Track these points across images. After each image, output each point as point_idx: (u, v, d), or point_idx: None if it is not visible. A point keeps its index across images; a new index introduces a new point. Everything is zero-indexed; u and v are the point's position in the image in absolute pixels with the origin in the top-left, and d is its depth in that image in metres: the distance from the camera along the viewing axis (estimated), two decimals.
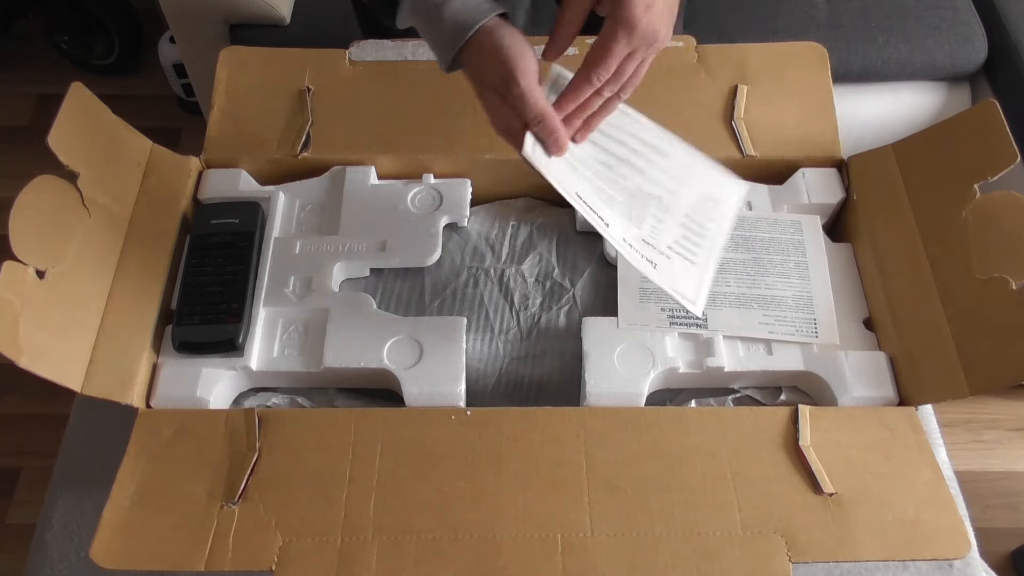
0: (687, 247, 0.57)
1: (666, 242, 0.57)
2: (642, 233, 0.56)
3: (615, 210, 0.55)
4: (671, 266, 0.56)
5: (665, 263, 0.56)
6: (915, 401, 0.56)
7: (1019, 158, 0.56)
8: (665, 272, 0.55)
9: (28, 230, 0.52)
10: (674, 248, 0.57)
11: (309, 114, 0.69)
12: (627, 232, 0.55)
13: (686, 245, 0.57)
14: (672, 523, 0.50)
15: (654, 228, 0.56)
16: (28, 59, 1.69)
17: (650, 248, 0.55)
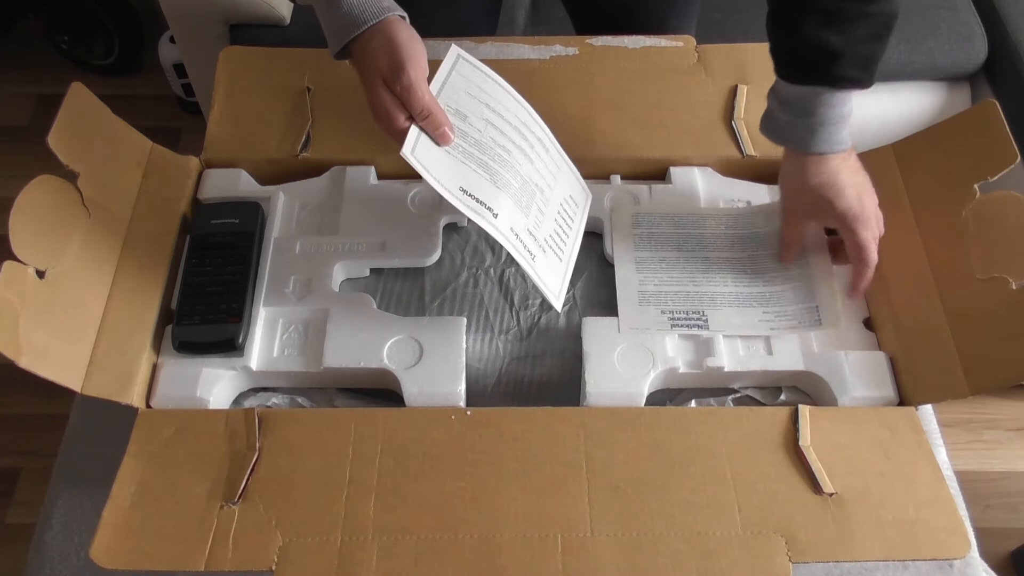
0: (557, 243, 0.60)
1: (544, 235, 0.58)
2: (528, 223, 0.57)
3: (509, 194, 0.56)
4: (545, 260, 0.58)
5: (541, 256, 0.57)
6: (915, 401, 0.56)
7: (1019, 158, 0.56)
8: (541, 265, 0.57)
9: (28, 230, 0.52)
10: (548, 242, 0.59)
11: (309, 114, 0.69)
12: (515, 222, 0.56)
13: (556, 241, 0.60)
14: (672, 523, 0.50)
15: (536, 219, 0.58)
16: (28, 59, 1.69)
17: (532, 240, 0.57)
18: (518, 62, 0.72)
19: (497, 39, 0.74)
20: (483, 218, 0.54)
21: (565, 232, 0.61)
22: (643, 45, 0.73)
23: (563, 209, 0.61)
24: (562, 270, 0.59)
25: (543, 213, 0.59)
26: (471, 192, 0.55)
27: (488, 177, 0.56)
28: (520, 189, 0.57)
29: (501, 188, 0.56)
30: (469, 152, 0.56)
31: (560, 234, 0.60)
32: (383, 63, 0.52)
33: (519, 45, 0.73)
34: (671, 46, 0.74)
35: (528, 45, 0.73)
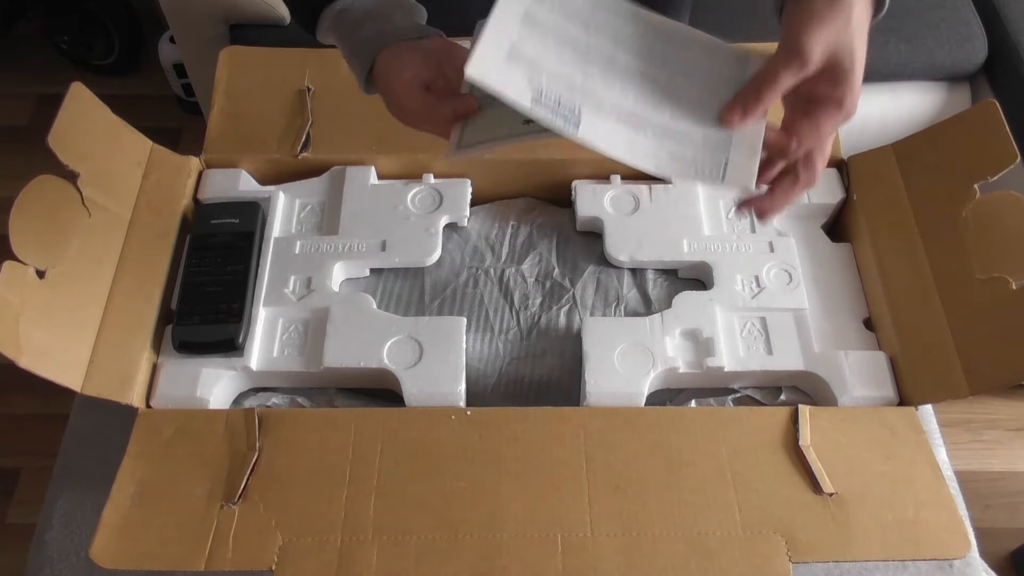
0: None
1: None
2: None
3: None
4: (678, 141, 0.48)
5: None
6: (915, 401, 0.56)
7: (1019, 158, 0.56)
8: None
9: (28, 230, 0.52)
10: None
11: (309, 114, 0.69)
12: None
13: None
14: (672, 523, 0.50)
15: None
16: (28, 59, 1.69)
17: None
18: None
19: None
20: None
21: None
22: None
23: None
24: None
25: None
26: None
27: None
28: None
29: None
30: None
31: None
32: (421, 63, 0.51)
33: None
34: None
35: None
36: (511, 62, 0.47)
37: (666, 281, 0.65)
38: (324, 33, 0.56)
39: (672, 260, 0.65)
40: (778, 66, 0.45)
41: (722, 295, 0.61)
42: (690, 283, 0.65)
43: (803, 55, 0.44)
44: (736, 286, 0.62)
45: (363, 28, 0.52)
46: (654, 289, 0.65)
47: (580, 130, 0.46)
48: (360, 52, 0.53)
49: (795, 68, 0.44)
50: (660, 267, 0.66)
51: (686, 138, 0.48)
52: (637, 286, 0.65)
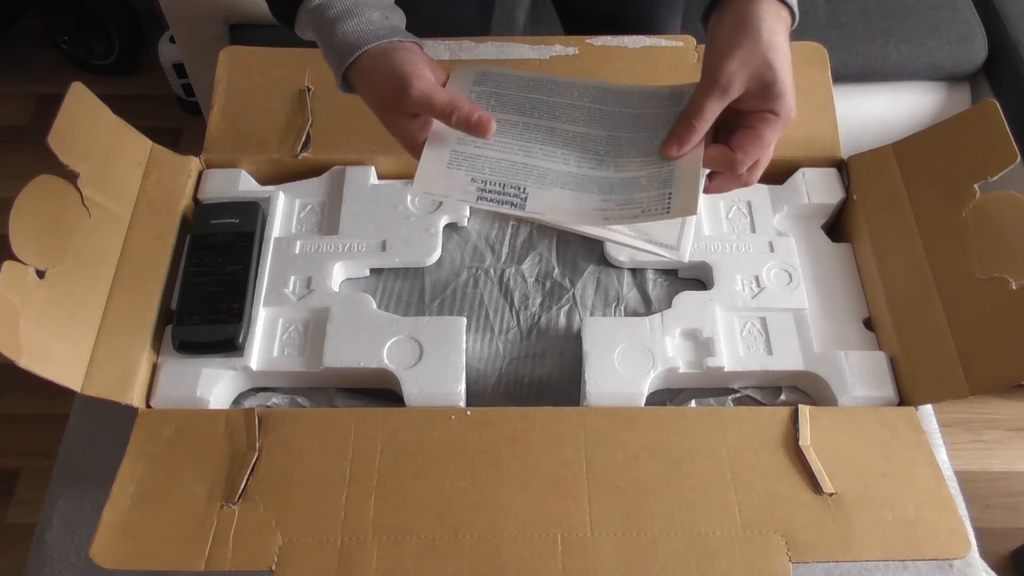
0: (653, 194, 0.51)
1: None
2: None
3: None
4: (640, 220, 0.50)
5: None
6: (915, 401, 0.56)
7: (1019, 158, 0.56)
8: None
9: (28, 230, 0.52)
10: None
11: (309, 114, 0.69)
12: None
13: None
14: (672, 523, 0.50)
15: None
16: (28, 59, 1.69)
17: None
18: (518, 62, 0.72)
19: (497, 39, 0.74)
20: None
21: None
22: (643, 45, 0.73)
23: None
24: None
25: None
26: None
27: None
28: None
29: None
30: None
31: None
32: (386, 91, 0.50)
33: (519, 45, 0.73)
34: (671, 46, 0.74)
35: (528, 45, 0.73)
36: (452, 167, 0.51)
37: (666, 281, 0.65)
38: (302, 28, 0.56)
39: (672, 260, 0.64)
40: (703, 98, 0.49)
41: (722, 295, 0.62)
42: (690, 283, 0.65)
43: (723, 84, 0.48)
44: (736, 286, 0.62)
45: (340, 25, 0.51)
46: (654, 289, 0.65)
47: (527, 209, 0.49)
48: (337, 51, 0.52)
49: (717, 96, 0.48)
50: (660, 267, 0.66)
51: (632, 183, 0.51)
52: (637, 286, 0.65)
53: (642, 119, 0.54)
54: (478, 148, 0.51)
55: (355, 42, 0.51)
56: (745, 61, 0.48)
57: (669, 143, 0.50)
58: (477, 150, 0.51)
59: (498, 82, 0.55)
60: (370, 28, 0.51)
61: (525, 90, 0.55)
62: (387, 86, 0.50)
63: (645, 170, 0.51)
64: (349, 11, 0.52)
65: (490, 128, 0.49)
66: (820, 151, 0.69)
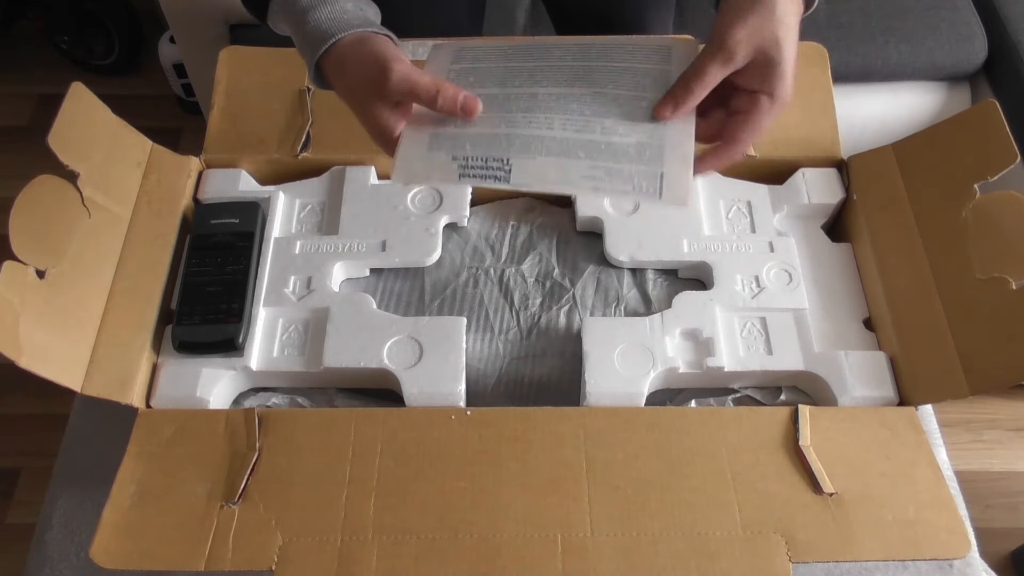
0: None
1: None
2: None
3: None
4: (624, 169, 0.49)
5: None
6: (915, 401, 0.56)
7: (1019, 158, 0.56)
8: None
9: (28, 230, 0.52)
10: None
11: (309, 114, 0.69)
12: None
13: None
14: (672, 523, 0.50)
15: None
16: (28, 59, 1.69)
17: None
18: None
19: (497, 39, 0.74)
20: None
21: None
22: None
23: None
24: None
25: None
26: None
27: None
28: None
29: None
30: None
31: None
32: (363, 76, 0.49)
33: None
34: None
35: None
36: (433, 150, 0.49)
37: (666, 281, 0.65)
38: (275, 20, 0.54)
39: (672, 260, 0.65)
40: (706, 61, 0.48)
41: (722, 295, 0.62)
42: (690, 283, 0.65)
43: (728, 50, 0.47)
44: (736, 286, 0.62)
45: (312, 14, 0.50)
46: (654, 289, 0.65)
47: (512, 181, 0.48)
48: (309, 40, 0.51)
49: (721, 62, 0.47)
50: (660, 267, 0.66)
51: (620, 151, 0.49)
52: (637, 286, 0.65)
53: (628, 73, 0.52)
54: (458, 127, 0.49)
55: (328, 30, 0.50)
56: (754, 32, 0.47)
57: (664, 104, 0.49)
58: (457, 129, 0.49)
59: (476, 56, 0.53)
60: (343, 17, 0.50)
61: (504, 59, 0.53)
62: (364, 72, 0.49)
63: (634, 136, 0.49)
64: (322, 0, 0.51)
65: (477, 109, 0.48)
66: (820, 151, 0.69)
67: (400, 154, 0.49)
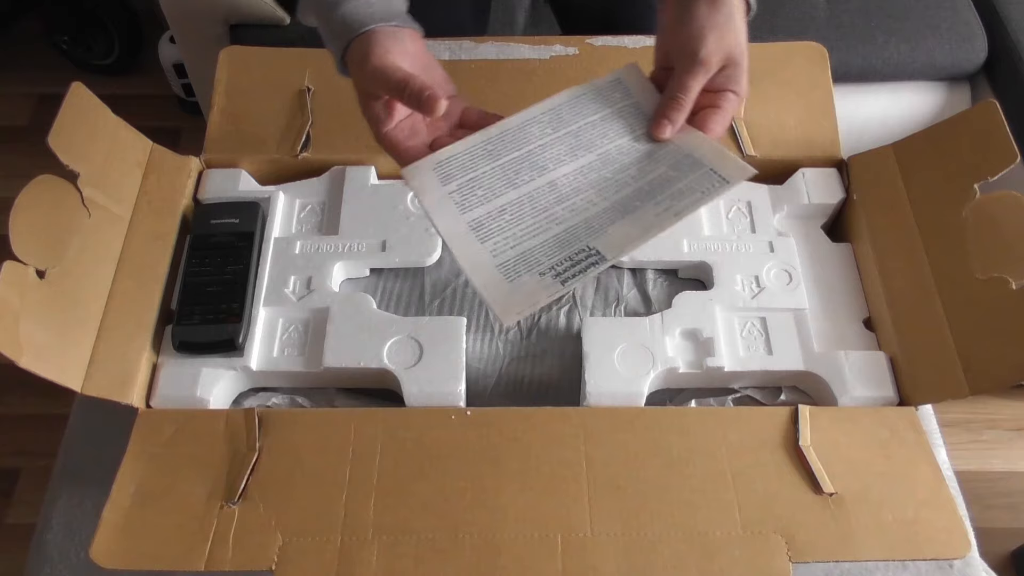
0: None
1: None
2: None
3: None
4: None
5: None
6: (915, 401, 0.56)
7: (1019, 158, 0.56)
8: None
9: (28, 230, 0.52)
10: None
11: (309, 114, 0.69)
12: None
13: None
14: (672, 523, 0.50)
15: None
16: (28, 59, 1.69)
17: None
18: (518, 62, 0.72)
19: (497, 39, 0.74)
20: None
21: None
22: (643, 45, 0.73)
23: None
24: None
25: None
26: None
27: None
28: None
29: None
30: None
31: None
32: (361, 71, 0.50)
33: (519, 45, 0.73)
34: None
35: (528, 45, 0.73)
36: (513, 281, 0.49)
37: (666, 281, 0.65)
38: (304, 11, 0.56)
39: (672, 260, 0.65)
40: (687, 77, 0.52)
41: (722, 295, 0.62)
42: (690, 283, 0.65)
43: (705, 62, 0.52)
44: (736, 286, 0.62)
45: (340, 8, 0.51)
46: (654, 289, 0.65)
47: (609, 257, 0.49)
48: (336, 34, 0.52)
49: (701, 74, 0.52)
50: (660, 267, 0.66)
51: (663, 181, 0.52)
52: (637, 286, 0.65)
53: (607, 120, 0.55)
54: (517, 246, 0.50)
55: (352, 24, 0.51)
56: (721, 42, 0.52)
57: (660, 124, 0.53)
58: (517, 249, 0.50)
59: (462, 166, 0.52)
60: (368, 11, 0.51)
61: (492, 158, 0.53)
62: (362, 69, 0.50)
63: (662, 164, 0.53)
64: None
65: (438, 105, 0.48)
66: (820, 151, 0.69)
67: (492, 303, 0.48)
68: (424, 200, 0.51)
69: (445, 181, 0.51)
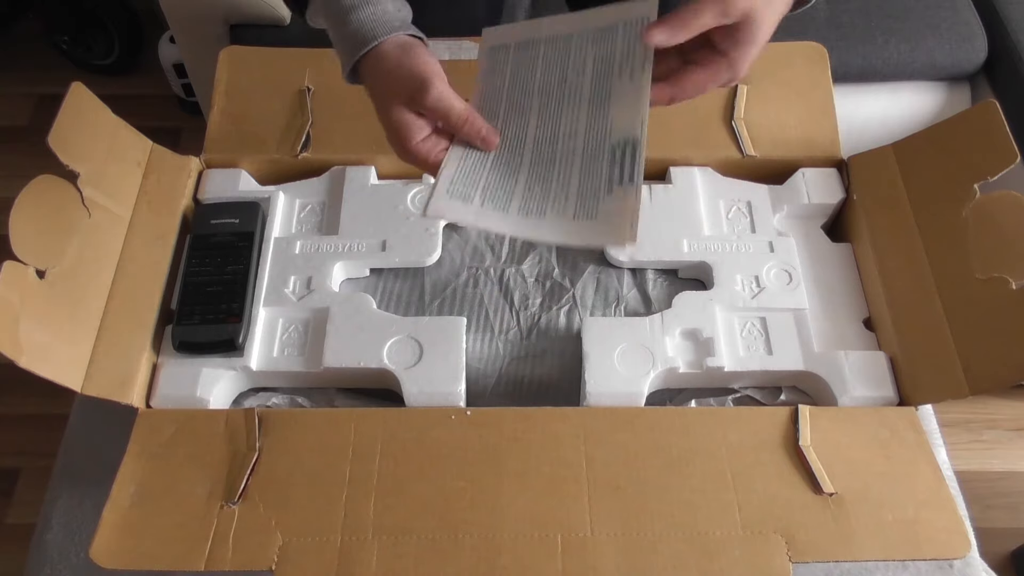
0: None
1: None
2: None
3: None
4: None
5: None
6: (915, 401, 0.56)
7: (1019, 158, 0.56)
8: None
9: (28, 230, 0.52)
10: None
11: (309, 114, 0.69)
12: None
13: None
14: (672, 523, 0.50)
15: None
16: (28, 59, 1.69)
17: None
18: None
19: None
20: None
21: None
22: None
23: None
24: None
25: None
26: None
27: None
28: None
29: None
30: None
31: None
32: (402, 83, 0.50)
33: None
34: None
35: None
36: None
37: (666, 281, 0.65)
38: (314, 14, 0.55)
39: (672, 260, 0.65)
40: (705, 6, 0.47)
41: (722, 295, 0.62)
42: (690, 283, 0.65)
43: (728, 3, 0.47)
44: (736, 286, 0.62)
45: (355, 14, 0.51)
46: (654, 289, 0.65)
47: (639, 135, 0.50)
48: (351, 40, 0.52)
49: (718, 12, 0.47)
50: (660, 267, 0.66)
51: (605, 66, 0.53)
52: (637, 286, 0.65)
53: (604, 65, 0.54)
54: (569, 197, 0.51)
55: (370, 31, 0.51)
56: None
57: (658, 27, 0.48)
58: (572, 198, 0.51)
59: (469, 181, 0.53)
60: (384, 19, 0.52)
61: (483, 157, 0.54)
62: (403, 82, 0.50)
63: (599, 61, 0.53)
64: (365, 0, 0.52)
65: (495, 142, 0.52)
66: (820, 151, 0.69)
67: (605, 241, 0.54)
68: (469, 223, 0.53)
69: (467, 199, 0.53)
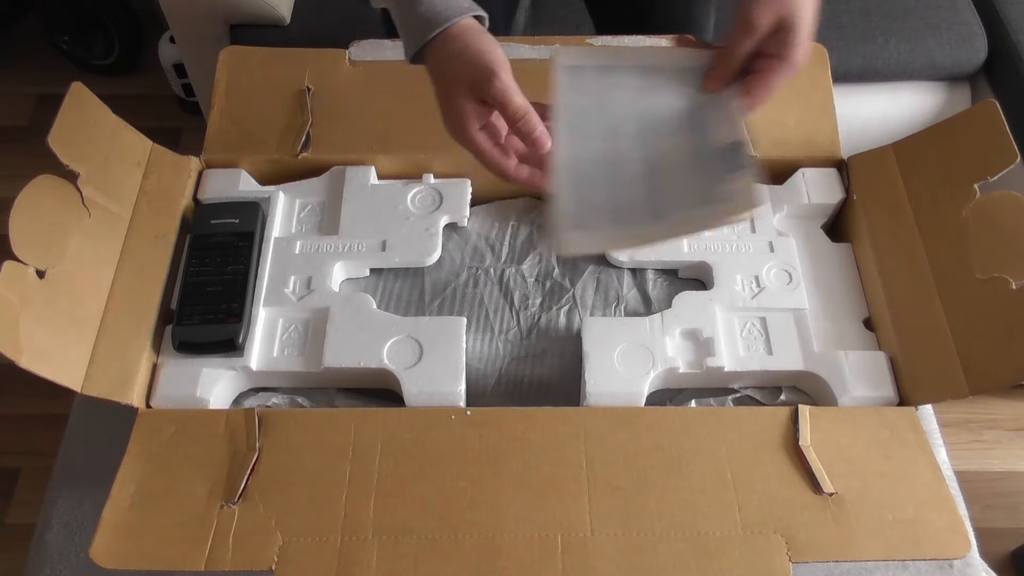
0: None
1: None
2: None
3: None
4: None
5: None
6: (915, 401, 0.56)
7: (1019, 158, 0.56)
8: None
9: (28, 230, 0.52)
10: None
11: (309, 114, 0.69)
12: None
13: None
14: (672, 523, 0.50)
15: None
16: (28, 59, 1.69)
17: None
18: (518, 62, 0.72)
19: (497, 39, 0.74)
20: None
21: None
22: (643, 45, 0.73)
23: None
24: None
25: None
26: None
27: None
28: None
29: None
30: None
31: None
32: (467, 68, 0.50)
33: (519, 45, 0.73)
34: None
35: (528, 45, 0.73)
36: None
37: (666, 281, 0.65)
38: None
39: (672, 260, 0.65)
40: (735, 38, 0.53)
41: (722, 295, 0.62)
42: (690, 283, 0.65)
43: (752, 25, 0.52)
44: (736, 286, 0.62)
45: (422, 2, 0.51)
46: (654, 289, 0.65)
47: None
48: (422, 20, 0.52)
49: (748, 36, 0.52)
50: (660, 267, 0.66)
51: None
52: (637, 286, 0.65)
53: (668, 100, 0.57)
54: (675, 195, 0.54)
55: (443, 12, 0.51)
56: (776, 7, 0.51)
57: (711, 79, 0.55)
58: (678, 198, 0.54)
59: (587, 209, 0.53)
60: (455, 1, 0.52)
61: (591, 182, 0.54)
62: (469, 68, 0.50)
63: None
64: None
65: (546, 145, 0.52)
66: (820, 151, 0.69)
67: (730, 218, 0.53)
68: (607, 249, 0.60)
69: (594, 227, 0.53)
